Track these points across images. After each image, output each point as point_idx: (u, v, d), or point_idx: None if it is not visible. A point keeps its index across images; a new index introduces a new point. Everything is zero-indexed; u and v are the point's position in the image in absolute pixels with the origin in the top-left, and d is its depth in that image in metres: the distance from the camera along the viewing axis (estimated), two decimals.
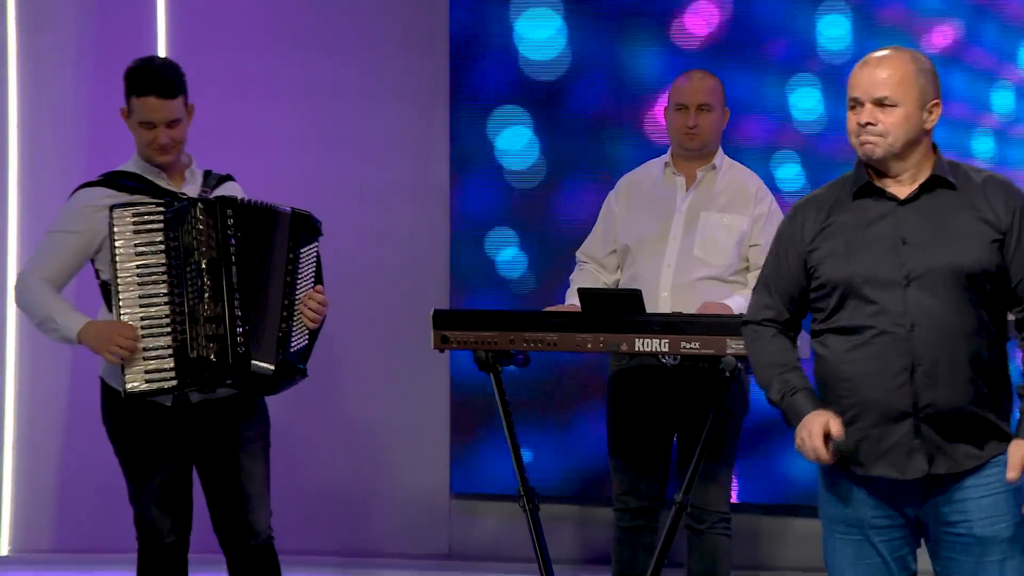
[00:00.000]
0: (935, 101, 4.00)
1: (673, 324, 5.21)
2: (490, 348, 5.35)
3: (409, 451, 6.87)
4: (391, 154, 6.84)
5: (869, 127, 3.95)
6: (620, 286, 5.66)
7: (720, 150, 5.77)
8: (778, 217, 5.59)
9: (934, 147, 4.03)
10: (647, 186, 5.77)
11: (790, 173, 6.71)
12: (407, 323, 5.49)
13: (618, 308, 5.25)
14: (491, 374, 5.38)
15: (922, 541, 4.04)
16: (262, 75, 6.86)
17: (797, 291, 4.07)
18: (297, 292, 5.05)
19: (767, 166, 6.44)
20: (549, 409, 6.72)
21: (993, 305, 3.95)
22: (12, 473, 7.03)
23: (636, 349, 5.21)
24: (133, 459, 5.11)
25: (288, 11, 6.89)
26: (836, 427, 3.88)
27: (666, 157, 5.77)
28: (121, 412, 5.06)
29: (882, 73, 3.97)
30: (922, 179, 3.99)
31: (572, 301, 5.60)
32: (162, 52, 6.91)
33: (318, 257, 5.14)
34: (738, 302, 5.42)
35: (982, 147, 6.57)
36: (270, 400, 5.27)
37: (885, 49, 4.05)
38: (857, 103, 3.98)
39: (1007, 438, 3.94)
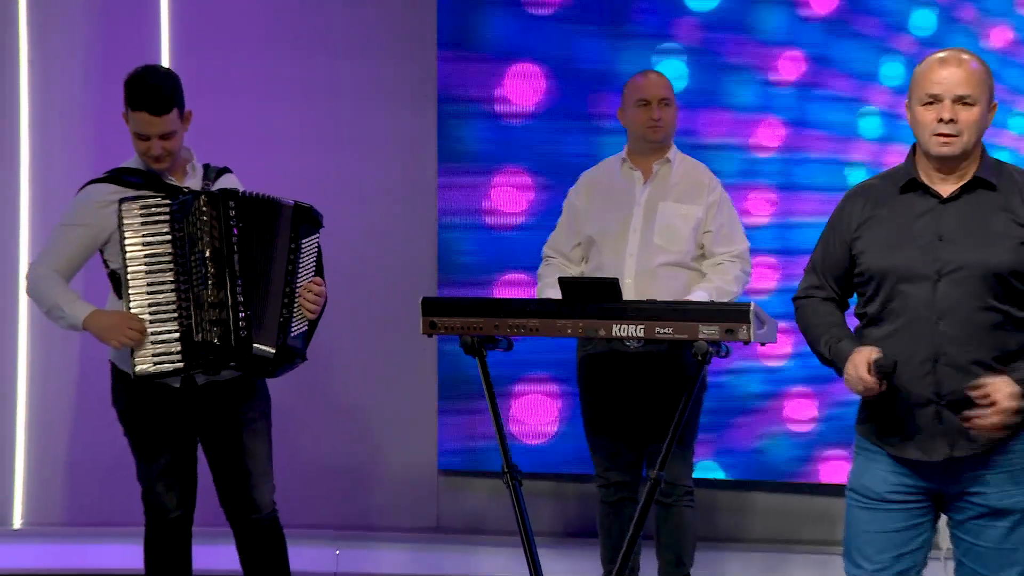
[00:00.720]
0: (994, 102, 4.02)
1: (648, 311, 5.21)
2: (475, 333, 5.36)
3: (399, 431, 6.86)
4: (381, 153, 6.83)
5: (951, 124, 3.93)
6: (585, 275, 5.69)
7: (673, 144, 5.83)
8: (728, 204, 5.84)
9: (983, 147, 4.04)
10: (606, 181, 5.83)
11: None
12: (398, 310, 5.50)
13: (597, 295, 5.25)
14: (476, 358, 5.39)
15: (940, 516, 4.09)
16: (261, 75, 6.84)
17: (842, 273, 4.11)
18: (298, 281, 5.07)
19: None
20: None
21: (1019, 301, 3.95)
22: (24, 451, 7.02)
23: (614, 334, 5.22)
24: (141, 438, 5.14)
25: (285, 13, 6.88)
26: (876, 354, 3.90)
27: (622, 154, 5.84)
28: (130, 393, 5.09)
29: (963, 72, 3.95)
30: (967, 178, 3.99)
31: (547, 294, 5.67)
32: (165, 53, 6.91)
33: (319, 249, 5.16)
34: (701, 295, 5.54)
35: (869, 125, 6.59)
36: (271, 383, 5.30)
37: (954, 49, 4.04)
38: (937, 99, 3.94)
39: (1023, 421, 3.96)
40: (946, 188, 3.99)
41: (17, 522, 7.00)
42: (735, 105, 6.58)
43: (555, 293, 5.56)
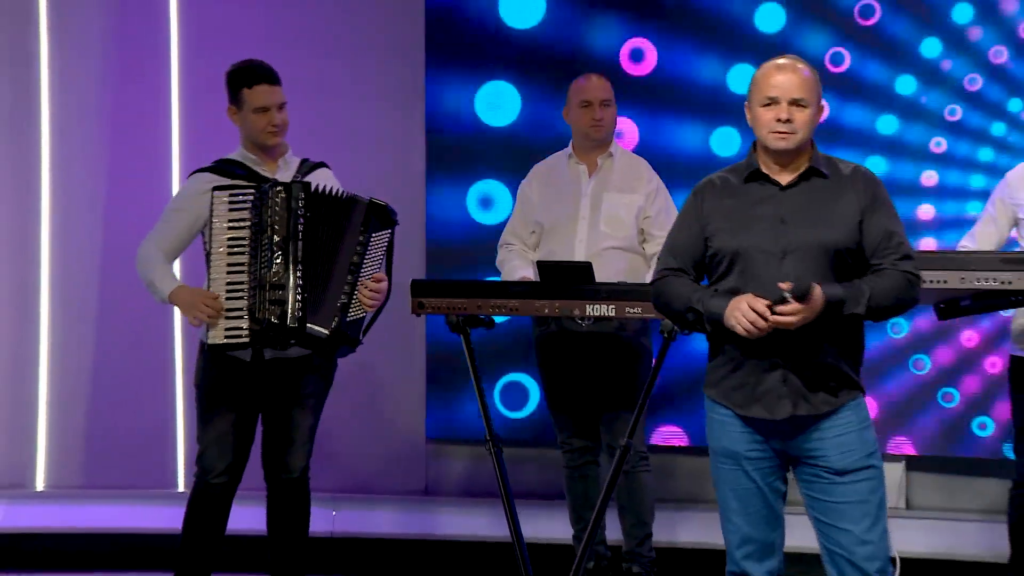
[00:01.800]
0: (823, 104, 4.12)
1: (619, 292, 5.26)
2: (460, 312, 5.39)
3: (391, 402, 6.89)
4: (375, 148, 6.80)
5: (787, 123, 4.03)
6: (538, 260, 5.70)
7: (615, 140, 5.90)
8: (664, 191, 5.98)
9: (812, 142, 4.13)
10: (555, 175, 5.90)
11: None
12: (391, 291, 5.51)
13: (572, 278, 5.30)
14: (461, 335, 5.42)
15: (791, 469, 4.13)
16: None
17: (697, 257, 4.15)
18: (363, 271, 5.12)
19: None
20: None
21: (853, 275, 4.02)
22: (46, 419, 7.00)
23: (587, 314, 5.26)
24: (206, 405, 5.22)
25: (284, 19, 6.86)
26: (756, 299, 3.91)
27: (568, 150, 5.89)
28: (207, 362, 5.21)
29: (797, 77, 4.05)
30: (801, 169, 4.08)
31: (524, 274, 5.71)
32: (175, 55, 6.93)
33: (390, 244, 5.23)
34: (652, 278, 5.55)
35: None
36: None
37: (789, 57, 4.13)
38: (774, 101, 4.03)
39: (858, 387, 4.06)
40: (784, 177, 4.08)
41: (40, 485, 7.00)
42: None
43: (521, 275, 5.68)
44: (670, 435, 6.60)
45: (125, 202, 6.86)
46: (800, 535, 4.29)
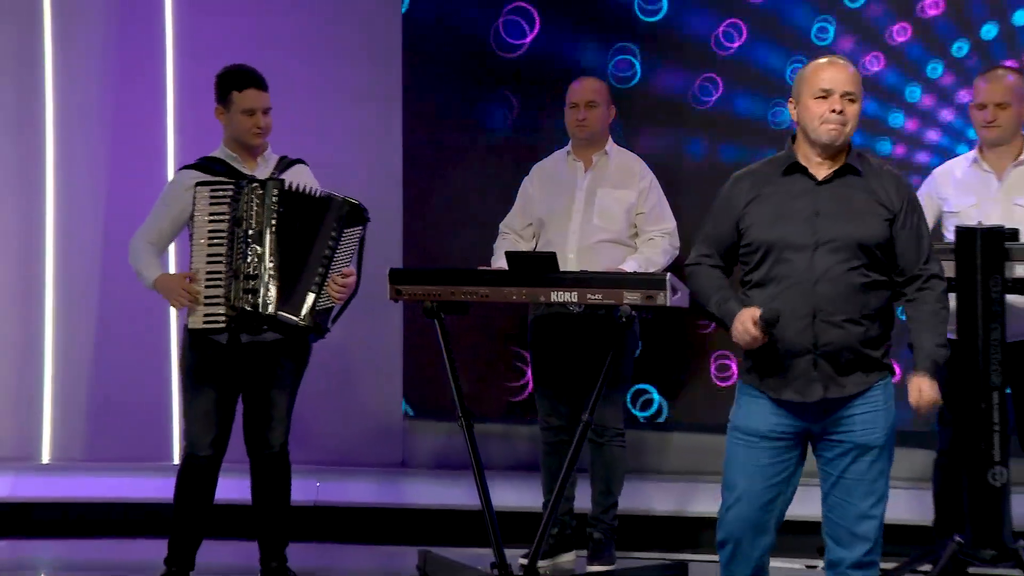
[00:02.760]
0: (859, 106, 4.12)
1: (581, 279, 5.31)
2: (435, 299, 5.42)
3: (371, 382, 6.88)
4: (355, 145, 6.79)
5: (840, 115, 4.00)
6: (537, 250, 5.75)
7: (610, 139, 5.87)
8: (657, 189, 5.84)
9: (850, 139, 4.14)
10: (554, 171, 5.91)
11: None
12: (371, 281, 5.52)
13: (538, 267, 5.33)
14: (435, 320, 5.44)
15: (808, 449, 4.13)
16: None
17: (728, 246, 4.13)
18: (334, 264, 5.14)
19: None
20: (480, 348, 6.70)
21: (882, 267, 4.02)
22: (51, 396, 7.01)
23: (552, 299, 5.29)
24: (190, 384, 5.25)
25: (272, 26, 6.83)
26: (758, 312, 3.94)
27: (568, 147, 5.90)
28: (188, 345, 5.23)
29: (848, 73, 4.05)
30: (839, 165, 4.06)
31: (499, 264, 5.70)
32: (170, 59, 6.92)
33: (361, 240, 5.24)
34: (632, 265, 5.62)
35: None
36: None
37: (836, 55, 4.18)
38: (828, 94, 4.01)
39: (887, 368, 4.07)
40: (821, 172, 4.06)
41: (45, 458, 7.01)
42: None
43: (498, 265, 5.66)
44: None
45: (123, 195, 6.83)
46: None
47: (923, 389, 3.99)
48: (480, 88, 6.75)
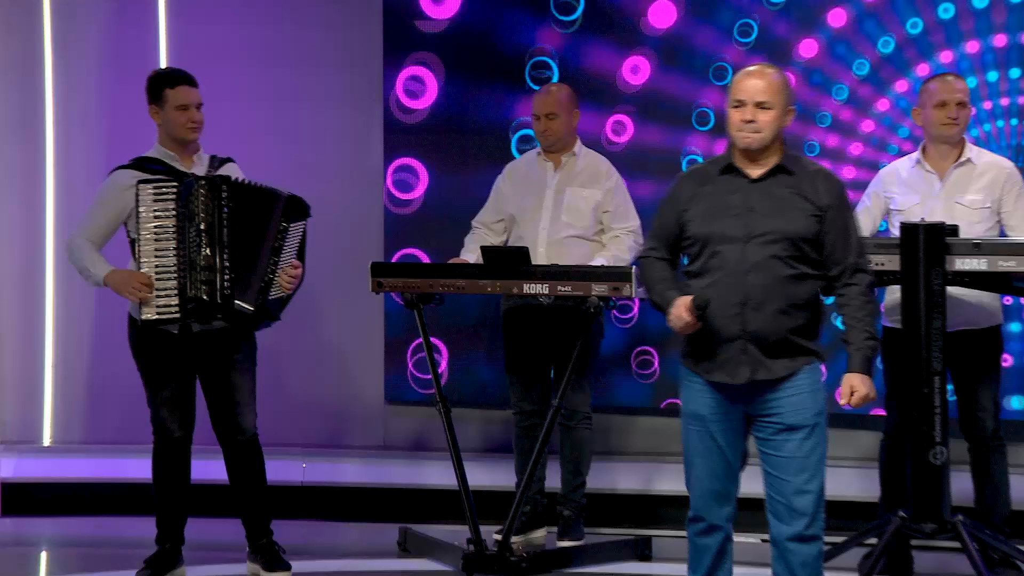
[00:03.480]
0: (792, 107, 4.13)
1: (551, 273, 5.36)
2: (414, 291, 5.46)
3: (354, 369, 6.86)
4: (339, 146, 6.77)
5: (750, 123, 4.03)
6: (508, 245, 5.76)
7: (578, 141, 5.86)
8: (622, 188, 5.83)
9: (783, 141, 4.15)
10: (525, 170, 5.91)
11: None
12: (354, 274, 5.53)
13: (511, 261, 5.38)
14: (415, 311, 5.49)
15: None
16: (242, 82, 6.73)
17: (673, 239, 4.17)
18: (282, 256, 5.12)
19: None
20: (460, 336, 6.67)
21: (810, 261, 4.06)
22: (52, 382, 6.99)
23: (524, 291, 5.34)
24: (149, 374, 5.22)
25: (260, 33, 6.82)
26: (690, 300, 3.98)
27: (538, 148, 5.90)
28: (141, 338, 5.18)
29: (764, 82, 4.06)
30: (770, 165, 4.09)
31: (465, 256, 5.75)
32: (164, 60, 6.83)
33: (304, 234, 5.21)
34: (600, 261, 5.63)
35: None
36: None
37: (761, 64, 4.18)
38: (741, 104, 4.05)
39: (813, 354, 4.09)
40: (755, 172, 4.09)
41: (46, 440, 7.00)
42: None
43: (473, 255, 5.68)
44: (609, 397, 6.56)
45: None
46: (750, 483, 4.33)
47: (855, 387, 4.06)
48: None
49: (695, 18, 6.45)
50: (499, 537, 5.45)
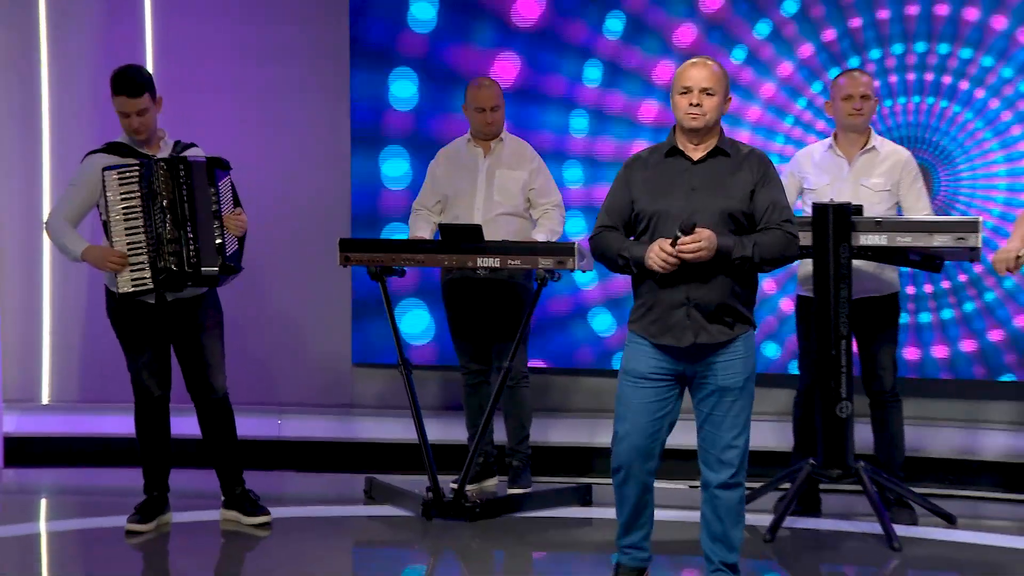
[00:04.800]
0: (729, 96, 4.20)
1: (502, 247, 5.39)
2: (378, 264, 5.49)
3: (324, 333, 6.81)
4: (310, 135, 6.69)
5: (697, 107, 4.08)
6: (440, 223, 5.75)
7: (504, 128, 5.86)
8: (544, 168, 5.85)
9: (720, 128, 4.20)
10: (457, 155, 5.87)
11: None
12: (324, 248, 5.52)
13: (466, 237, 5.42)
14: (379, 283, 5.53)
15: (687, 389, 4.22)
16: (223, 79, 6.65)
17: (626, 217, 4.18)
18: (223, 212, 5.09)
19: None
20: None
21: (747, 233, 4.09)
22: (50, 345, 6.96)
23: (478, 265, 5.37)
24: (128, 341, 5.23)
25: (239, 32, 6.72)
26: (666, 241, 3.97)
27: (467, 136, 5.86)
28: (118, 308, 5.19)
29: (707, 71, 4.12)
30: (710, 148, 4.14)
31: (419, 234, 5.73)
32: (150, 56, 6.77)
33: (232, 185, 5.16)
34: (541, 236, 5.66)
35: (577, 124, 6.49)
36: (229, 297, 5.39)
37: (702, 56, 4.22)
38: (688, 90, 4.09)
39: (749, 323, 4.14)
40: (696, 154, 4.14)
41: (45, 398, 6.98)
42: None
43: (423, 232, 5.68)
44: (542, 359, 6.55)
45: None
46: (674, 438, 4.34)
47: (705, 237, 3.96)
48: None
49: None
50: (455, 486, 5.48)
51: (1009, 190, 6.15)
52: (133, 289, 5.04)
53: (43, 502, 6.14)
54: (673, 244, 3.98)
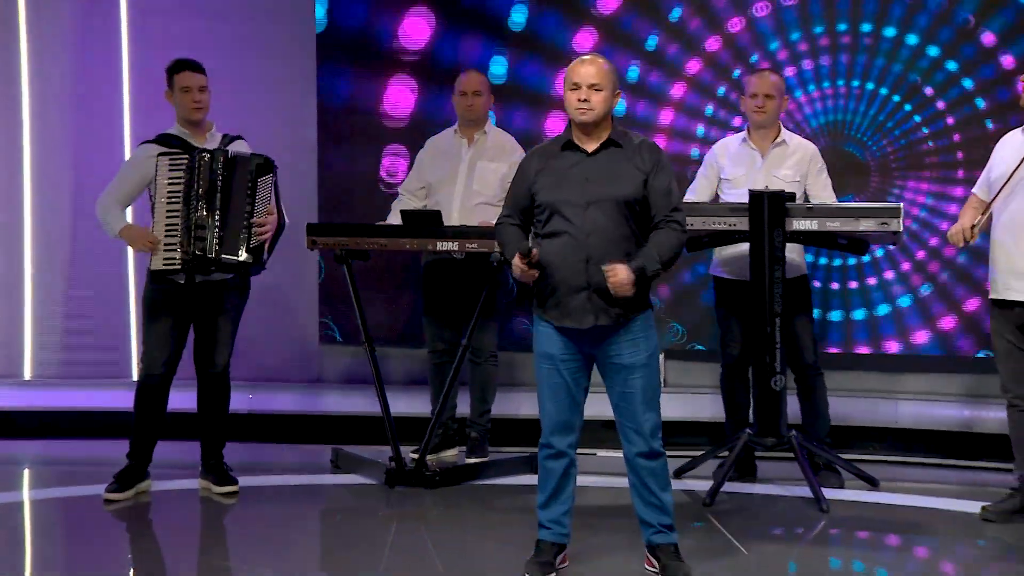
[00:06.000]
0: (618, 91, 4.18)
1: (460, 232, 5.43)
2: (344, 248, 5.50)
3: (294, 313, 6.86)
4: (279, 125, 6.63)
5: (585, 102, 4.07)
6: (428, 209, 5.78)
7: (489, 120, 5.89)
8: None
9: (612, 119, 4.19)
10: (443, 144, 5.90)
11: None
12: (295, 232, 5.56)
13: (426, 222, 5.45)
14: (344, 265, 5.53)
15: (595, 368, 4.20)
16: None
17: (525, 207, 4.18)
18: (256, 209, 5.16)
19: None
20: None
21: (641, 220, 4.10)
22: (31, 323, 7.00)
23: (437, 248, 5.42)
24: (150, 315, 5.25)
25: (211, 25, 6.75)
26: (524, 252, 4.01)
27: (455, 126, 5.90)
28: (151, 283, 5.25)
29: (595, 68, 4.10)
30: (603, 140, 4.13)
31: (392, 219, 5.78)
32: (125, 54, 6.81)
33: (273, 185, 5.23)
34: None
35: None
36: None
37: (592, 54, 4.20)
38: (577, 87, 4.08)
39: (646, 304, 4.13)
40: (590, 147, 4.12)
41: (27, 375, 7.02)
42: None
43: (397, 219, 5.69)
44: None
45: (88, 161, 6.80)
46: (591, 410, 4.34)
47: (619, 272, 3.96)
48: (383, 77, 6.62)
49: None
50: (416, 456, 5.51)
51: (937, 174, 6.15)
52: (163, 267, 5.13)
53: (26, 472, 6.12)
54: (526, 260, 3.99)
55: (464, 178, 5.79)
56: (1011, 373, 4.93)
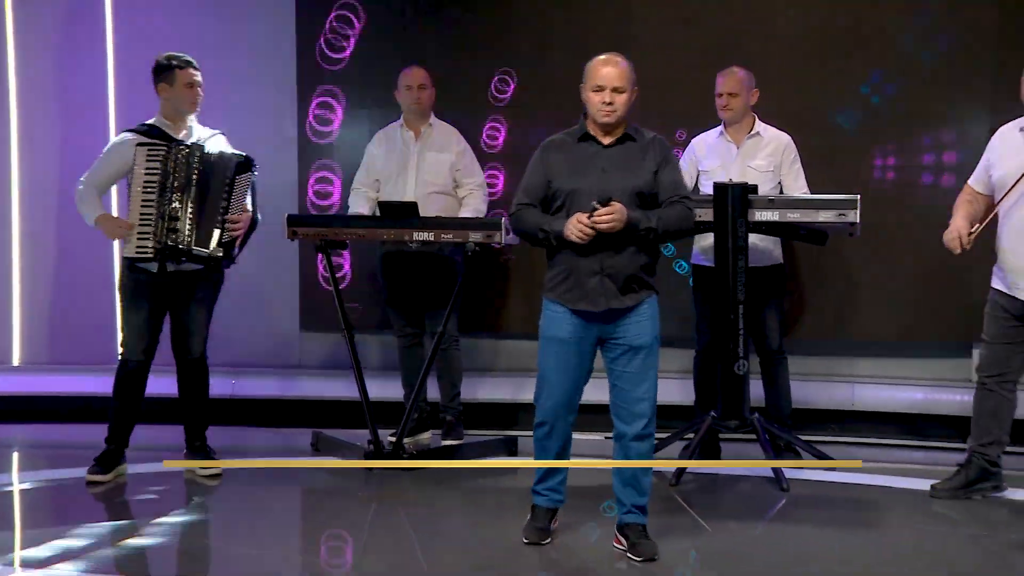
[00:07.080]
0: (636, 88, 4.19)
1: (436, 223, 5.40)
2: (322, 238, 5.48)
3: (275, 301, 6.84)
4: (262, 123, 6.59)
5: (609, 105, 4.10)
6: (379, 200, 5.75)
7: (432, 113, 5.87)
8: (468, 151, 5.87)
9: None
10: (391, 138, 5.89)
11: None
12: (272, 224, 5.54)
13: (403, 213, 5.43)
14: (323, 255, 5.54)
15: (599, 350, 4.23)
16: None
17: (542, 195, 4.19)
18: (232, 206, 5.15)
19: None
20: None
21: (652, 209, 4.12)
22: (20, 310, 6.99)
23: (414, 239, 5.37)
24: (128, 302, 5.21)
25: (194, 23, 6.73)
26: (583, 215, 4.01)
27: (400, 120, 5.89)
28: (126, 271, 5.21)
29: (618, 70, 4.12)
30: (619, 134, 4.17)
31: (360, 211, 5.75)
32: (110, 48, 6.79)
33: (251, 184, 5.22)
34: (468, 213, 5.71)
35: None
36: None
37: (611, 54, 4.17)
38: (601, 88, 4.10)
39: (653, 289, 4.17)
40: (606, 139, 4.18)
41: (16, 361, 7.01)
42: None
43: (364, 209, 5.68)
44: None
45: (73, 149, 6.74)
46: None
47: (616, 206, 4.00)
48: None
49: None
50: (394, 439, 5.51)
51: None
52: (136, 255, 5.09)
53: (15, 455, 6.10)
54: (590, 216, 4.00)
55: (415, 170, 5.78)
56: (992, 356, 4.92)
